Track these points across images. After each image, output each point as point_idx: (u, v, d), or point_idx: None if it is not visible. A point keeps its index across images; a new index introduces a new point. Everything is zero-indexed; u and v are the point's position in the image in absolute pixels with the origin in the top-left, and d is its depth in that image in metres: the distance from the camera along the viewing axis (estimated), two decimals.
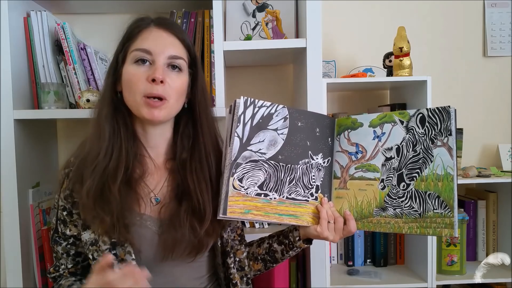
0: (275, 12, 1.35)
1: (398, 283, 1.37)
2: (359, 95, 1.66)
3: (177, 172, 0.91)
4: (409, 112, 0.88)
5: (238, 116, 0.82)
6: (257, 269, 1.00)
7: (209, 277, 0.97)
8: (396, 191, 0.88)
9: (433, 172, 0.84)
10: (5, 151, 1.19)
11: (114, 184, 0.82)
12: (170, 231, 0.85)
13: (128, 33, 0.88)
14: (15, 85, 1.20)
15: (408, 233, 0.86)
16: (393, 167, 0.89)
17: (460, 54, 1.66)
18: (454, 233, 0.80)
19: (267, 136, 0.86)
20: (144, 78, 0.83)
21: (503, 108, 1.67)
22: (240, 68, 1.62)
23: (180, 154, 0.92)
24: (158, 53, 0.84)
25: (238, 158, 0.83)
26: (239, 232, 1.00)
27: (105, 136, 0.85)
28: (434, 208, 0.82)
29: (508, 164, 1.56)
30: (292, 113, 0.89)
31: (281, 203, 0.88)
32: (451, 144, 0.82)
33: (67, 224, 0.89)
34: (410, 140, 0.87)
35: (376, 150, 0.91)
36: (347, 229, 0.90)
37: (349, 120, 0.95)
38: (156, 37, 0.86)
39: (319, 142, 0.93)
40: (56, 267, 0.92)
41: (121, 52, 0.88)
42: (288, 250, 0.95)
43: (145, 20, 0.89)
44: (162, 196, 0.90)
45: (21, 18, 1.26)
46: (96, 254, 0.84)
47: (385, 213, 0.88)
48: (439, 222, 0.82)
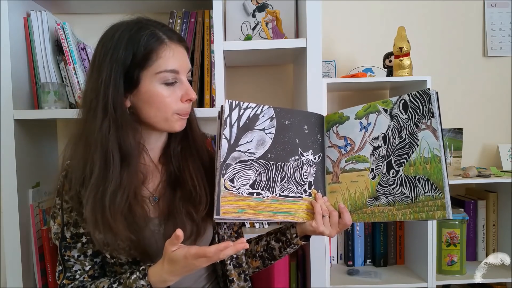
0: (275, 12, 1.35)
1: (398, 283, 1.37)
2: (359, 95, 1.66)
3: (170, 163, 0.93)
4: (392, 100, 0.89)
5: (224, 119, 0.85)
6: (256, 266, 1.01)
7: (207, 276, 0.98)
8: (387, 179, 0.88)
9: (420, 155, 0.84)
10: (5, 151, 1.19)
11: (116, 207, 0.80)
12: (170, 221, 0.87)
13: (145, 50, 0.81)
14: (15, 85, 1.20)
15: (402, 219, 0.85)
16: (381, 156, 0.89)
17: (460, 54, 1.66)
18: (447, 215, 0.79)
19: (255, 136, 0.88)
20: (177, 99, 0.85)
21: (503, 108, 1.67)
22: (240, 68, 1.62)
23: (174, 146, 0.94)
24: (183, 72, 0.86)
25: (228, 159, 0.85)
26: (235, 229, 1.02)
27: (112, 167, 0.81)
28: (425, 192, 0.82)
29: (508, 164, 1.56)
30: (279, 112, 0.91)
31: (275, 201, 0.88)
32: (435, 125, 0.82)
33: (79, 224, 0.86)
34: (395, 127, 0.88)
35: (363, 141, 0.92)
36: (342, 222, 0.90)
37: (336, 115, 0.96)
38: (178, 55, 0.85)
39: (308, 139, 0.94)
40: (71, 276, 0.87)
41: (135, 69, 0.81)
42: (286, 247, 0.96)
43: (158, 36, 0.83)
44: (159, 194, 0.91)
45: (21, 18, 1.26)
46: (115, 253, 0.84)
47: (378, 202, 0.88)
48: (431, 205, 0.81)
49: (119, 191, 0.80)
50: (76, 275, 0.88)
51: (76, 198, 0.85)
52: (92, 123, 0.81)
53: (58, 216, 0.88)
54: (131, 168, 0.83)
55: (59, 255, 0.88)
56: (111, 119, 0.81)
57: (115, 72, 0.80)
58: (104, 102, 0.80)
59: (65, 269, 0.88)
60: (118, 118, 0.81)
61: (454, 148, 1.51)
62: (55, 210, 0.89)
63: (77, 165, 0.84)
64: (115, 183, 0.80)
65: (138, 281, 0.79)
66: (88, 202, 0.80)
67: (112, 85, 0.80)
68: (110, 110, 0.80)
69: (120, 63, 0.81)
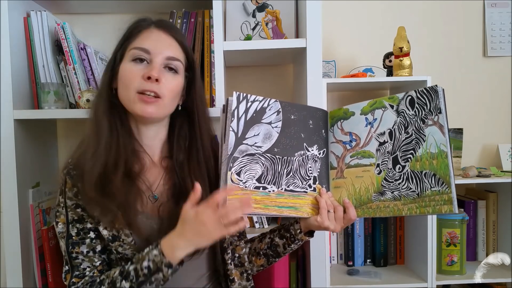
0: (275, 12, 1.35)
1: (398, 283, 1.37)
2: (359, 95, 1.65)
3: (174, 172, 0.92)
4: (398, 96, 0.89)
5: (232, 111, 0.84)
6: (260, 264, 1.00)
7: (209, 276, 0.97)
8: (393, 174, 0.88)
9: (427, 151, 0.85)
10: (5, 151, 1.19)
11: (115, 176, 0.82)
12: (170, 231, 0.85)
13: (129, 32, 0.89)
14: (15, 85, 1.20)
15: (408, 214, 0.86)
16: (387, 151, 0.90)
17: (460, 54, 1.66)
18: (454, 209, 0.80)
19: (261, 130, 0.87)
20: (140, 76, 0.84)
21: (503, 108, 1.67)
22: (240, 68, 1.62)
23: (177, 155, 0.93)
24: (156, 53, 0.85)
25: (235, 152, 0.83)
26: None
27: (102, 132, 0.86)
28: (431, 187, 0.83)
29: (508, 164, 1.56)
30: (285, 106, 0.90)
31: (280, 196, 0.88)
32: (442, 121, 0.84)
33: (86, 219, 0.86)
34: (401, 122, 0.88)
35: (369, 137, 0.92)
36: (347, 217, 0.90)
37: (341, 110, 0.96)
38: (155, 37, 0.87)
39: (313, 134, 0.94)
40: (80, 274, 0.85)
41: (119, 50, 0.89)
42: (290, 243, 0.95)
43: (146, 20, 0.90)
44: (159, 194, 0.91)
45: (21, 18, 1.26)
46: (121, 248, 0.85)
47: (383, 197, 0.89)
48: (438, 200, 0.82)
49: (109, 155, 0.84)
50: (85, 272, 0.86)
51: (80, 194, 0.86)
52: (95, 104, 0.90)
53: (61, 215, 0.88)
54: (120, 141, 0.86)
55: (66, 254, 0.87)
56: (101, 99, 0.88)
57: (113, 56, 0.90)
58: (100, 84, 0.92)
59: (72, 267, 0.86)
60: (103, 97, 0.88)
61: (454, 148, 1.52)
62: (58, 209, 0.89)
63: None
64: (103, 150, 0.84)
65: (151, 251, 0.79)
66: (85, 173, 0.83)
67: (108, 67, 0.90)
68: (101, 90, 0.90)
69: (116, 48, 0.90)
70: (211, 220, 0.75)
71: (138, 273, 0.79)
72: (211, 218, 0.75)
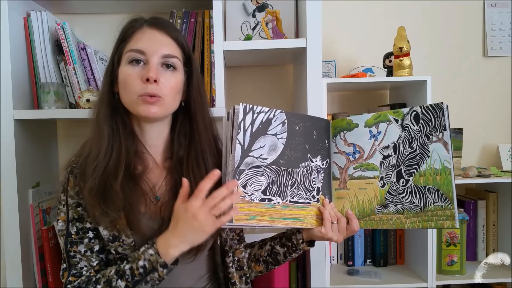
0: (275, 12, 1.35)
1: (398, 283, 1.37)
2: (359, 95, 1.66)
3: (175, 171, 0.92)
4: (403, 111, 0.90)
5: (238, 123, 0.82)
6: (259, 270, 1.00)
7: (209, 277, 0.97)
8: (396, 187, 0.89)
9: (431, 166, 0.86)
10: (5, 151, 1.19)
11: (115, 182, 0.82)
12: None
13: (122, 34, 0.89)
14: (15, 85, 1.20)
15: (411, 227, 0.87)
16: (391, 165, 0.90)
17: (460, 54, 1.66)
18: (456, 225, 0.82)
19: (267, 141, 0.86)
20: (139, 78, 0.84)
21: (503, 108, 1.67)
22: (240, 68, 1.62)
23: (177, 152, 0.93)
24: (152, 53, 0.85)
25: (241, 165, 0.83)
26: (237, 231, 1.01)
27: (104, 136, 0.86)
28: (434, 202, 0.85)
29: (508, 164, 1.56)
30: (290, 117, 0.90)
31: (285, 207, 0.88)
32: (446, 139, 0.84)
33: (85, 219, 0.87)
34: (406, 137, 0.89)
35: (373, 149, 0.93)
36: (350, 229, 0.91)
37: (344, 121, 0.96)
38: (149, 37, 0.87)
39: (317, 145, 0.94)
40: (77, 273, 0.86)
41: (116, 53, 0.89)
42: (291, 252, 0.96)
43: (138, 20, 0.90)
44: (161, 195, 0.91)
45: (21, 18, 1.26)
46: (120, 249, 0.85)
47: (386, 210, 0.90)
48: (440, 215, 0.84)
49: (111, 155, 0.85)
50: (82, 272, 0.86)
51: (81, 193, 0.86)
52: (96, 108, 0.91)
53: (62, 213, 0.88)
54: (122, 145, 0.87)
55: (64, 252, 0.87)
56: (103, 103, 0.89)
57: (110, 60, 0.90)
58: (101, 88, 0.92)
59: (69, 266, 0.87)
60: (105, 101, 0.89)
61: (454, 148, 1.51)
62: (59, 207, 0.89)
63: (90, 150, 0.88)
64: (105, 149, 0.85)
65: (147, 251, 0.79)
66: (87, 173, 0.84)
67: (107, 71, 0.90)
68: (102, 95, 0.90)
69: (113, 52, 0.90)
70: (201, 212, 0.75)
71: (133, 272, 0.79)
72: (201, 210, 0.75)
